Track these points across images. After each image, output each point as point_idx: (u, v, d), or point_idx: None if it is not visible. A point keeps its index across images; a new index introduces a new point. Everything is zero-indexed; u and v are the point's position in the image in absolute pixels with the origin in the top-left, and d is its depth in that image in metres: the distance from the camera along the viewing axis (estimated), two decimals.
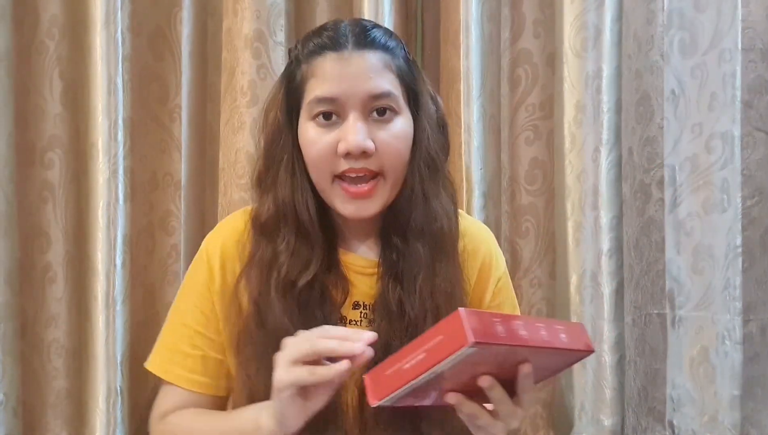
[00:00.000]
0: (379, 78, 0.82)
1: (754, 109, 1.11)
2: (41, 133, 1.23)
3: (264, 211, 0.85)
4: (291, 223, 0.84)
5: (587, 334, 0.75)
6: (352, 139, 0.79)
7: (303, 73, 0.84)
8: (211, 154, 1.34)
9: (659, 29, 1.17)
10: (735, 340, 1.11)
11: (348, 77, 0.80)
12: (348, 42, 0.82)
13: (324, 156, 0.81)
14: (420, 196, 0.85)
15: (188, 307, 0.89)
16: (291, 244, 0.83)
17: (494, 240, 0.97)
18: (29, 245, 1.22)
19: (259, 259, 0.84)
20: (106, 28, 1.20)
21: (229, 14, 1.27)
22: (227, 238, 0.89)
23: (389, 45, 0.84)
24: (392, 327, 0.84)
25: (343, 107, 0.81)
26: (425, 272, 0.84)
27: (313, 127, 0.82)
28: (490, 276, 0.93)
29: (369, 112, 0.81)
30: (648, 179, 1.20)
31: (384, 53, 0.83)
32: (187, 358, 0.87)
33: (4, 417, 1.15)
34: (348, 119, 0.80)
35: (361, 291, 0.87)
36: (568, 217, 1.30)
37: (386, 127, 0.82)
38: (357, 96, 0.80)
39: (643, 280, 1.21)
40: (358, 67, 0.81)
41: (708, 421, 1.14)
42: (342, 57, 0.81)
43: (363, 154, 0.80)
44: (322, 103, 0.81)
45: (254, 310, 0.83)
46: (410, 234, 0.85)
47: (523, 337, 0.65)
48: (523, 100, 1.36)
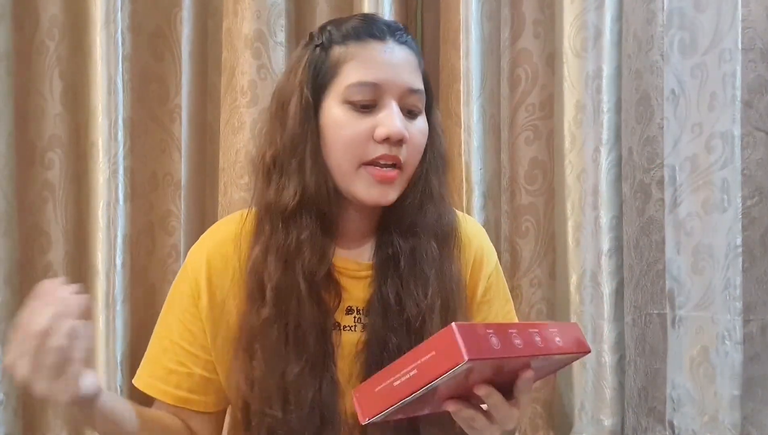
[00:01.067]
0: (415, 74, 0.84)
1: (754, 109, 1.11)
2: (41, 133, 1.23)
3: (288, 196, 0.82)
4: (314, 212, 0.82)
5: (582, 335, 0.74)
6: (393, 126, 0.79)
7: (338, 56, 0.82)
8: (211, 154, 1.34)
9: (659, 29, 1.17)
10: (735, 340, 1.11)
11: (391, 66, 0.81)
12: (388, 34, 0.83)
13: (358, 140, 0.80)
14: (432, 196, 0.86)
15: (174, 323, 0.87)
16: (314, 234, 0.81)
17: (485, 235, 0.97)
18: (29, 245, 1.22)
19: (281, 246, 0.82)
20: (106, 28, 1.20)
21: (229, 14, 1.27)
22: (212, 251, 0.87)
23: (416, 49, 0.87)
24: (387, 323, 0.83)
25: (382, 94, 0.81)
26: (437, 269, 0.85)
27: (346, 110, 0.81)
28: (481, 271, 0.93)
29: (403, 106, 0.82)
30: (648, 179, 1.20)
31: (415, 54, 0.86)
32: (172, 374, 0.86)
33: (4, 417, 1.15)
34: (387, 106, 0.81)
35: (354, 295, 0.86)
36: (568, 217, 1.30)
37: (413, 122, 0.83)
38: (398, 86, 0.81)
39: (643, 280, 1.21)
40: (399, 59, 0.82)
41: (708, 421, 1.14)
42: (386, 46, 0.82)
43: (399, 142, 0.80)
44: (363, 87, 0.80)
45: (274, 298, 0.81)
46: (420, 231, 0.85)
47: (518, 347, 0.65)
48: (523, 100, 1.36)
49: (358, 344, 0.85)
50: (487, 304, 0.93)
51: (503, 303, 0.95)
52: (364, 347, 0.84)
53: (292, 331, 0.81)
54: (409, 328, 0.83)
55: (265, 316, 0.81)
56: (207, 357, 0.86)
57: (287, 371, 0.80)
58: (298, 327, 0.81)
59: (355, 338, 0.85)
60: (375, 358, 0.83)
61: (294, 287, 0.81)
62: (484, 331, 0.62)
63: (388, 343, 0.82)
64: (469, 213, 1.25)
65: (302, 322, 0.81)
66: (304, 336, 0.81)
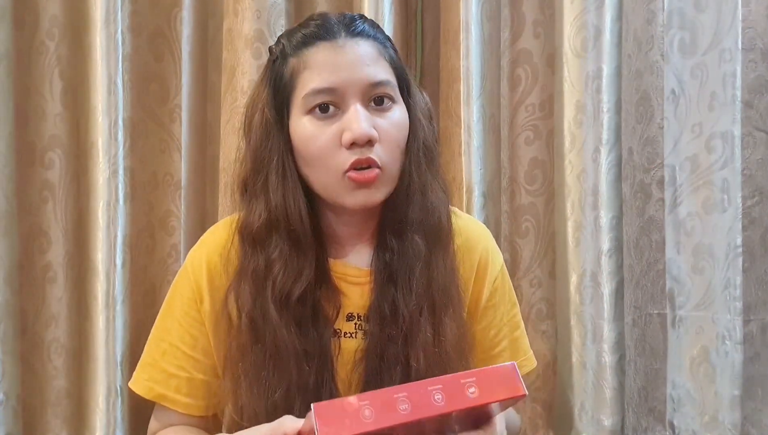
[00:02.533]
0: (375, 66, 0.79)
1: (754, 109, 1.11)
2: (41, 133, 1.23)
3: (254, 218, 0.81)
4: (283, 231, 0.80)
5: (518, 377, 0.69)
6: (357, 128, 0.76)
7: (293, 67, 0.80)
8: (211, 154, 1.34)
9: (659, 29, 1.17)
10: (735, 340, 1.11)
11: (345, 65, 0.78)
12: (340, 31, 0.79)
13: (327, 150, 0.78)
14: (417, 188, 0.83)
15: (173, 326, 0.86)
16: (284, 252, 0.79)
17: (491, 238, 0.96)
18: (29, 245, 1.22)
19: (252, 270, 0.80)
20: (106, 28, 1.20)
21: (229, 14, 1.27)
22: (212, 252, 0.86)
23: (378, 36, 0.83)
24: (384, 334, 0.82)
25: (342, 97, 0.78)
26: (422, 265, 0.82)
27: (311, 121, 0.79)
28: (487, 275, 0.92)
29: (368, 100, 0.79)
30: (648, 179, 1.20)
31: (375, 42, 0.81)
32: (172, 378, 0.85)
33: (4, 416, 1.15)
34: (349, 108, 0.78)
35: (354, 302, 0.85)
36: (568, 217, 1.30)
37: (385, 115, 0.80)
38: (356, 84, 0.78)
39: (643, 280, 1.21)
40: (354, 55, 0.79)
41: (708, 421, 1.14)
42: (336, 45, 0.78)
43: (368, 143, 0.77)
44: (320, 95, 0.78)
45: (249, 325, 0.80)
46: (407, 227, 0.82)
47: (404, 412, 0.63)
48: (523, 100, 1.36)
49: (357, 352, 0.84)
50: (493, 308, 0.91)
51: (509, 307, 0.94)
52: (363, 356, 0.83)
53: (269, 357, 0.79)
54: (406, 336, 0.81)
55: (241, 342, 0.80)
56: (208, 361, 0.85)
57: (270, 395, 0.78)
58: (277, 351, 0.79)
59: (354, 345, 0.84)
60: (374, 368, 0.82)
61: (265, 313, 0.79)
62: (356, 404, 0.62)
63: (384, 354, 0.81)
64: (469, 213, 1.25)
65: (280, 346, 0.78)
66: (286, 360, 0.79)
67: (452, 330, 0.83)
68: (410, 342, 0.81)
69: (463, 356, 0.84)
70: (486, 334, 0.92)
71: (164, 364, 0.85)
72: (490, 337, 0.92)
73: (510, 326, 0.94)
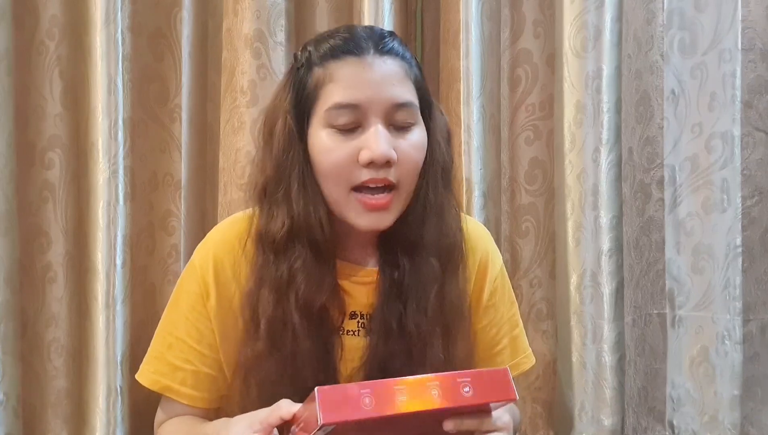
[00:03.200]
0: (401, 86, 0.79)
1: (754, 109, 1.11)
2: (41, 133, 1.23)
3: (276, 227, 0.80)
4: (306, 240, 0.79)
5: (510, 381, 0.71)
6: (377, 148, 0.76)
7: (318, 78, 0.79)
8: (211, 154, 1.34)
9: (659, 29, 1.17)
10: (735, 340, 1.11)
11: (372, 83, 0.77)
12: (369, 47, 0.78)
13: (343, 165, 0.77)
14: (434, 210, 0.83)
15: (180, 320, 0.86)
16: (307, 262, 0.79)
17: (491, 239, 0.97)
18: (29, 245, 1.22)
19: (274, 278, 0.80)
20: (106, 28, 1.20)
21: (229, 14, 1.27)
22: (219, 249, 0.86)
23: (406, 55, 0.82)
24: (389, 347, 0.82)
25: (365, 114, 0.77)
26: (437, 288, 0.82)
27: (330, 134, 0.78)
28: (487, 275, 0.92)
29: (390, 121, 0.78)
30: (648, 179, 1.20)
31: (403, 62, 0.81)
32: (178, 371, 0.85)
33: (4, 417, 1.15)
34: (371, 127, 0.77)
35: (358, 301, 0.85)
36: (568, 217, 1.30)
37: (406, 137, 0.79)
38: (381, 103, 0.77)
39: (643, 280, 1.21)
40: (381, 74, 0.78)
41: (708, 421, 1.14)
42: (364, 62, 0.77)
43: (386, 164, 0.77)
44: (343, 110, 0.77)
45: (267, 332, 0.80)
46: (422, 248, 0.82)
47: (401, 403, 0.64)
48: (523, 100, 1.37)
49: (360, 351, 0.84)
50: (493, 307, 0.92)
51: (509, 306, 0.95)
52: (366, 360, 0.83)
53: (289, 364, 0.79)
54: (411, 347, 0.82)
55: (259, 349, 0.80)
56: (214, 356, 0.85)
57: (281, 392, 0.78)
58: (294, 360, 0.79)
59: (357, 343, 0.84)
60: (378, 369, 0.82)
61: (288, 320, 0.79)
62: (357, 392, 0.64)
63: (388, 365, 0.81)
64: (469, 213, 1.25)
65: (298, 354, 0.79)
66: (301, 368, 0.79)
67: (462, 350, 0.84)
68: (419, 359, 0.81)
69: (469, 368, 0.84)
70: (487, 332, 0.93)
71: (170, 357, 0.86)
72: (491, 335, 0.93)
73: (510, 325, 0.95)
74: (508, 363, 0.93)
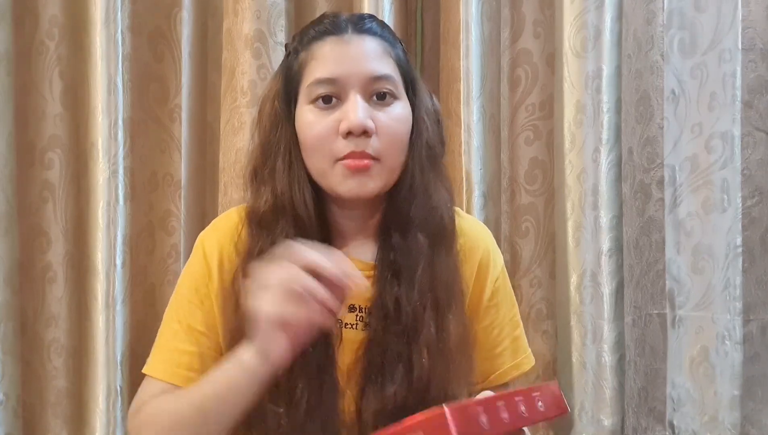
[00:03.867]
0: (378, 61, 0.82)
1: (754, 109, 1.11)
2: (41, 133, 1.23)
3: (261, 203, 0.83)
4: (289, 216, 0.82)
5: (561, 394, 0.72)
6: (354, 117, 0.78)
7: (301, 60, 0.83)
8: (211, 154, 1.34)
9: (659, 29, 1.17)
10: (735, 340, 1.11)
11: (349, 58, 0.81)
12: (348, 27, 0.83)
13: (324, 137, 0.80)
14: (420, 187, 0.84)
15: (183, 304, 0.87)
16: (290, 236, 0.81)
17: (492, 238, 0.97)
18: (29, 245, 1.22)
19: (259, 252, 0.82)
20: (106, 28, 1.20)
21: (229, 14, 1.27)
22: (223, 235, 0.87)
23: (386, 35, 0.85)
24: (389, 331, 0.83)
25: (343, 88, 0.80)
26: (425, 263, 0.83)
27: (312, 110, 0.82)
28: (488, 275, 0.92)
29: (370, 95, 0.81)
30: (648, 179, 1.20)
31: (383, 40, 0.84)
32: (184, 355, 0.85)
33: (4, 416, 1.15)
34: (349, 99, 0.80)
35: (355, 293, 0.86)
36: (568, 217, 1.30)
37: (386, 109, 0.82)
38: (357, 76, 0.80)
39: (643, 280, 1.21)
40: (358, 49, 0.82)
41: (708, 421, 1.14)
42: (342, 40, 0.82)
43: (364, 134, 0.79)
44: (322, 85, 0.80)
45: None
46: (410, 225, 0.84)
47: (505, 421, 0.64)
48: (523, 100, 1.37)
49: (358, 344, 0.84)
50: (495, 307, 0.92)
51: (509, 307, 0.95)
52: (365, 351, 0.84)
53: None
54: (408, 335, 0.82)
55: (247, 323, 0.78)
56: (215, 338, 0.85)
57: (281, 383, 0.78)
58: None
59: (355, 336, 0.85)
60: (376, 362, 0.83)
61: None
62: (475, 410, 0.62)
63: (387, 349, 0.82)
64: (469, 213, 1.25)
65: None
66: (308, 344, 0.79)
67: (455, 327, 0.84)
68: (413, 338, 0.82)
69: (465, 353, 0.85)
70: (488, 333, 0.92)
71: (176, 343, 0.85)
72: (492, 336, 0.93)
73: (511, 325, 0.95)
74: (509, 364, 0.93)
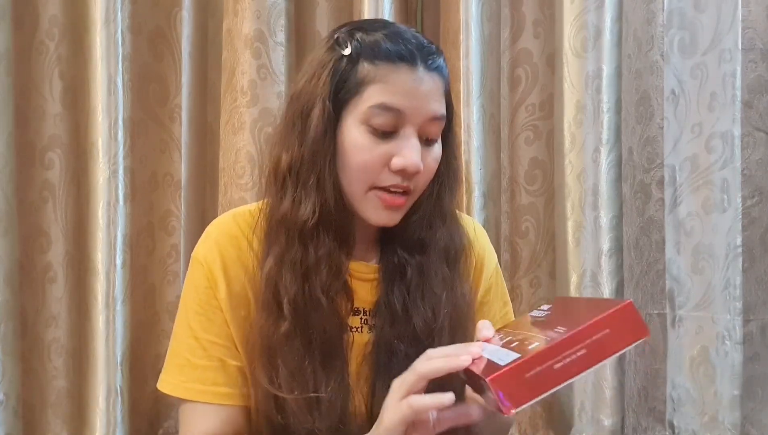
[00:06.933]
0: (439, 103, 0.81)
1: (754, 109, 1.11)
2: (41, 133, 1.23)
3: (305, 213, 0.80)
4: (332, 231, 0.81)
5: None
6: (411, 159, 0.78)
7: (365, 73, 0.79)
8: (211, 154, 1.34)
9: (659, 29, 1.17)
10: (735, 340, 1.11)
11: (419, 95, 0.79)
12: (420, 60, 0.80)
13: (373, 166, 0.79)
14: (445, 214, 0.86)
15: (194, 318, 0.84)
16: (333, 251, 0.80)
17: (486, 236, 0.97)
18: (29, 245, 1.22)
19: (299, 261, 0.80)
20: (106, 28, 1.20)
21: (229, 14, 1.27)
22: (223, 242, 0.85)
23: (446, 72, 0.84)
24: (395, 330, 0.83)
25: (404, 122, 0.79)
26: (448, 291, 0.84)
27: (365, 133, 0.79)
28: (482, 272, 0.93)
29: (424, 136, 0.81)
30: (648, 179, 1.20)
31: (443, 79, 0.83)
32: (206, 370, 0.82)
33: (4, 416, 1.15)
34: (407, 136, 0.79)
35: (360, 297, 0.85)
36: (568, 217, 1.30)
37: (430, 150, 0.82)
38: (421, 116, 0.79)
39: (643, 280, 1.21)
40: (429, 89, 0.80)
41: (708, 421, 1.14)
42: (416, 74, 0.79)
43: (413, 174, 0.79)
44: (387, 113, 0.78)
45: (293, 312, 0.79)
46: (430, 249, 0.85)
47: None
48: (523, 100, 1.36)
49: (365, 346, 0.84)
50: (487, 305, 0.93)
51: (501, 305, 0.95)
52: (372, 350, 0.84)
53: (317, 344, 0.79)
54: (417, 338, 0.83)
55: (284, 329, 0.79)
56: (233, 347, 0.83)
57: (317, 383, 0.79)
58: (322, 338, 0.80)
59: (361, 339, 0.85)
60: (383, 362, 0.83)
61: (314, 300, 0.80)
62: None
63: (396, 349, 0.82)
64: (469, 213, 1.25)
65: (325, 333, 0.80)
66: (329, 347, 0.80)
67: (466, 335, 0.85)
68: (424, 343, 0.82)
69: None
70: None
71: (195, 359, 0.83)
72: None
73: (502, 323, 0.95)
74: None
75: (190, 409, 0.83)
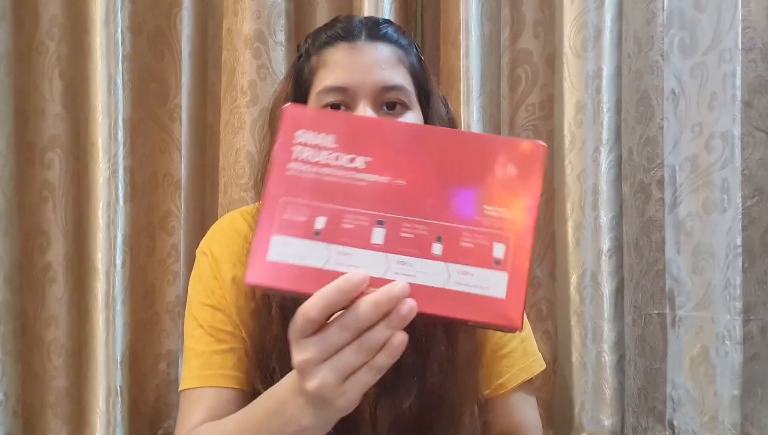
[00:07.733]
0: (391, 70, 0.80)
1: (754, 109, 1.11)
2: (41, 133, 1.23)
3: None
4: None
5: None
6: None
7: (312, 65, 0.82)
8: (211, 154, 1.34)
9: (659, 29, 1.17)
10: (735, 340, 1.11)
11: (360, 67, 0.79)
12: (361, 33, 0.81)
13: None
14: None
15: (199, 309, 0.85)
16: None
17: None
18: (29, 245, 1.22)
19: None
20: (106, 28, 1.20)
21: (229, 14, 1.27)
22: (227, 234, 0.86)
23: (402, 41, 0.84)
24: None
25: (353, 97, 0.79)
26: None
27: None
28: None
29: (380, 105, 0.80)
30: (648, 179, 1.20)
31: (397, 48, 0.82)
32: (214, 355, 0.82)
33: (4, 417, 1.15)
34: (357, 109, 0.79)
35: None
36: (568, 217, 1.30)
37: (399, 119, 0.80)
38: (368, 85, 0.79)
39: (643, 280, 1.21)
40: (370, 58, 0.80)
41: (708, 421, 1.14)
42: (354, 47, 0.80)
43: None
44: (331, 93, 0.79)
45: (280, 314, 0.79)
46: None
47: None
48: (523, 100, 1.36)
49: None
50: None
51: None
52: None
53: None
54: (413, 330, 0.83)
55: (274, 333, 0.79)
56: (240, 333, 0.83)
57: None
58: None
59: None
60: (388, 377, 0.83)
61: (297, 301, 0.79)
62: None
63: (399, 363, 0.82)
64: None
65: None
66: None
67: (464, 347, 0.84)
68: (425, 354, 0.81)
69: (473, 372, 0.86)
70: (493, 333, 0.93)
71: (202, 347, 0.83)
72: (497, 336, 0.93)
73: None
74: (519, 366, 0.93)
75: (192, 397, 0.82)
